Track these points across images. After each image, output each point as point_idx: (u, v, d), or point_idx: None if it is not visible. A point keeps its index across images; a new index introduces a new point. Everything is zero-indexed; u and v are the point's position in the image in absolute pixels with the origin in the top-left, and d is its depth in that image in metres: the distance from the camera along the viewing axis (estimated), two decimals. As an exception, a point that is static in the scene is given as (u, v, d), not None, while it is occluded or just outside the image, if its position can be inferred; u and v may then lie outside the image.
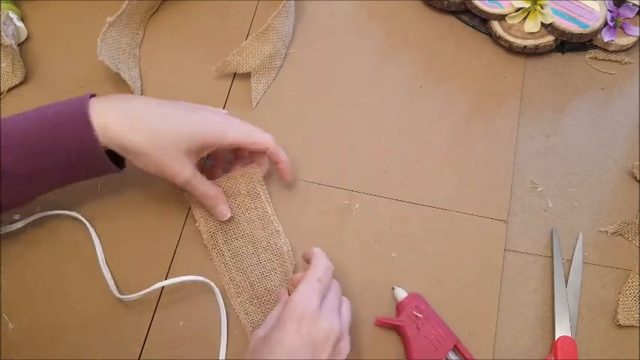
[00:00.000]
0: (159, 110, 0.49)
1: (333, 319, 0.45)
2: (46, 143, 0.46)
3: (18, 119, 0.47)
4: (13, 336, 0.51)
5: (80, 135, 0.46)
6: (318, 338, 0.44)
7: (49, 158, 0.47)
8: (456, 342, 0.51)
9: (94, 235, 0.54)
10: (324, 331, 0.44)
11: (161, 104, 0.50)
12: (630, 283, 0.55)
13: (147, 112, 0.49)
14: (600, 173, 0.60)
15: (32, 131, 0.47)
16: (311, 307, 0.45)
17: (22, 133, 0.46)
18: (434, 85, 0.64)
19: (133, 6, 0.62)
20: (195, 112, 0.51)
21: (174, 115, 0.49)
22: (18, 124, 0.47)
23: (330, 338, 0.44)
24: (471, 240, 0.56)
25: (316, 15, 0.67)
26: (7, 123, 0.47)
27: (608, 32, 0.64)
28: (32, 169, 0.47)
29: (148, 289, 0.51)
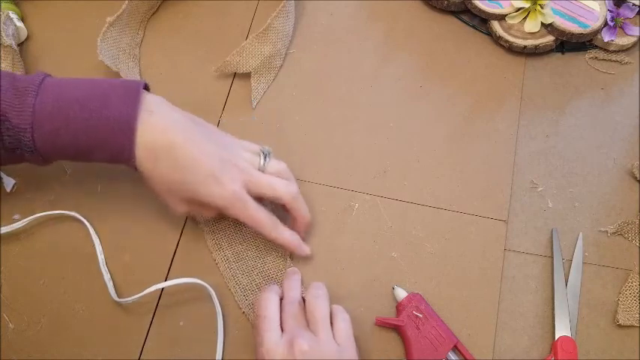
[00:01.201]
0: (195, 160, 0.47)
1: (297, 342, 0.44)
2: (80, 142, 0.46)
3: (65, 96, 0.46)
4: (13, 336, 0.52)
5: (119, 154, 0.47)
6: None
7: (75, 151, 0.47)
8: (456, 342, 0.51)
9: (94, 236, 0.54)
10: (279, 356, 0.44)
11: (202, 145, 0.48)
12: (630, 283, 0.55)
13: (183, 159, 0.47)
14: (600, 173, 0.60)
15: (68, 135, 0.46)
16: (268, 349, 0.45)
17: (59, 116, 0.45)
18: (434, 85, 0.64)
19: (133, 6, 0.62)
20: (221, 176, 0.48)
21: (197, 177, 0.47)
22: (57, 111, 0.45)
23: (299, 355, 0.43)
24: (471, 240, 0.56)
25: (316, 15, 0.67)
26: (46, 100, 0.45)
27: (608, 32, 0.64)
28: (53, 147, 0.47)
29: (143, 292, 0.51)
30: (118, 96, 0.46)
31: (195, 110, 0.60)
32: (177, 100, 0.62)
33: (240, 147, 0.51)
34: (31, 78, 0.47)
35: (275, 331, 0.46)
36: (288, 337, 0.45)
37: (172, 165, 0.47)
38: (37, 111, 0.45)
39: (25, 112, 0.45)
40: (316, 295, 0.49)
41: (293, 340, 0.44)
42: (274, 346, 0.45)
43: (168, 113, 0.48)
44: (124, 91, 0.47)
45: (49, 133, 0.46)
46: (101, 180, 0.57)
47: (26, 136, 0.45)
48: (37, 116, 0.45)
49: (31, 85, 0.46)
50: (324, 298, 0.49)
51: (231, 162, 0.48)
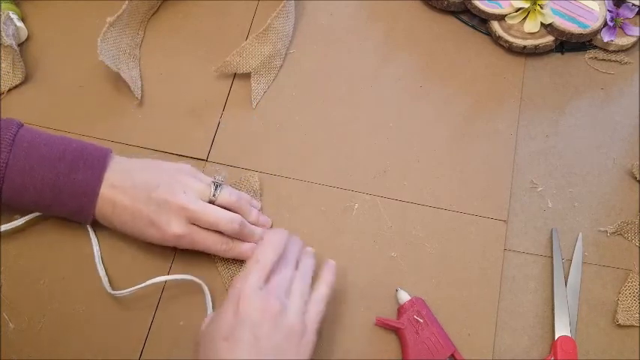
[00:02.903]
0: (136, 216, 0.50)
1: (273, 299, 0.45)
2: (40, 205, 0.51)
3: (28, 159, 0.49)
4: (13, 336, 0.52)
5: (79, 211, 0.51)
6: (255, 317, 0.44)
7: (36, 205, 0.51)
8: (454, 351, 0.51)
9: (92, 234, 0.54)
10: (257, 311, 0.44)
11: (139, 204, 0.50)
12: (630, 283, 0.55)
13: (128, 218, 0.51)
14: (600, 173, 0.60)
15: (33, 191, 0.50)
16: (247, 287, 0.45)
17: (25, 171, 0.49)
18: (434, 85, 0.64)
19: (133, 6, 0.62)
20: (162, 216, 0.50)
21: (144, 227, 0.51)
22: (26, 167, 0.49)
23: (268, 315, 0.44)
24: (470, 240, 0.56)
25: (316, 15, 0.67)
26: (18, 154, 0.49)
27: (608, 32, 0.64)
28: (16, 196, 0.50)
29: (139, 285, 0.51)
30: (87, 162, 0.50)
31: (195, 110, 0.61)
32: (178, 101, 0.62)
33: (192, 179, 0.52)
34: (4, 129, 0.50)
35: (259, 279, 0.46)
36: (268, 290, 0.46)
37: (118, 220, 0.51)
38: (10, 165, 0.49)
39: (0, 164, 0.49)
40: (309, 264, 0.50)
41: (270, 296, 0.45)
42: (251, 291, 0.45)
43: (125, 175, 0.51)
44: (92, 159, 0.51)
45: (18, 186, 0.49)
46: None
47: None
48: (8, 170, 0.49)
49: (5, 139, 0.49)
50: (312, 267, 0.50)
51: (168, 203, 0.50)
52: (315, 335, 0.46)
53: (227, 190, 0.53)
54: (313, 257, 0.52)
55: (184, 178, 0.52)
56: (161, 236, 0.50)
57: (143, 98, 0.62)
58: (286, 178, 0.59)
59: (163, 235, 0.50)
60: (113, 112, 0.61)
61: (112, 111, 0.61)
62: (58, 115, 0.60)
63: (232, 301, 0.45)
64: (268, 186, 0.58)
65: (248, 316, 0.44)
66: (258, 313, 0.44)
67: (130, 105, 0.61)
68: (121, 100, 0.61)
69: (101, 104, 0.61)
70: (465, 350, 0.52)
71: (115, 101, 0.61)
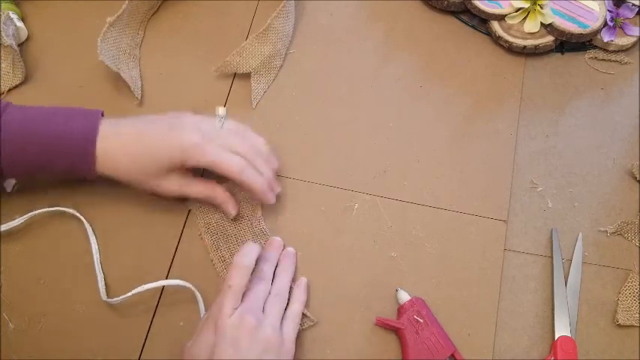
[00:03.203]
0: (144, 138, 0.51)
1: (248, 316, 0.46)
2: (42, 160, 0.50)
3: (25, 120, 0.49)
4: (13, 336, 0.52)
5: (81, 167, 0.50)
6: (233, 333, 0.45)
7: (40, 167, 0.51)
8: (454, 351, 0.51)
9: (91, 234, 0.54)
10: (234, 328, 0.46)
11: (145, 129, 0.51)
12: (630, 283, 0.55)
13: (133, 144, 0.51)
14: (600, 173, 0.60)
15: (33, 145, 0.49)
16: (223, 309, 0.46)
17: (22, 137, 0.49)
18: (434, 85, 0.64)
19: (133, 6, 0.62)
20: (174, 131, 0.51)
21: (154, 141, 0.51)
22: (23, 125, 0.49)
23: (245, 330, 0.46)
24: (470, 240, 0.56)
25: (316, 15, 0.67)
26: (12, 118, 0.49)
27: (608, 32, 0.64)
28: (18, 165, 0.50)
29: (132, 291, 0.51)
30: (81, 113, 0.51)
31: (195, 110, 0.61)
32: (178, 100, 0.62)
33: (199, 118, 0.54)
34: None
35: (234, 302, 0.47)
36: (243, 309, 0.47)
37: (125, 150, 0.50)
38: (5, 124, 0.49)
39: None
40: (277, 293, 0.51)
41: (245, 313, 0.47)
42: (227, 311, 0.46)
43: (127, 120, 0.52)
44: (86, 111, 0.51)
45: (17, 144, 0.49)
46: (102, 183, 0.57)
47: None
48: (3, 132, 0.48)
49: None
50: (283, 298, 0.51)
51: (179, 122, 0.52)
52: (294, 346, 0.48)
53: (231, 122, 0.55)
54: (293, 258, 0.54)
55: (184, 113, 0.54)
56: (168, 151, 0.50)
57: (143, 98, 0.62)
58: (286, 178, 0.59)
59: (171, 147, 0.50)
60: (113, 112, 0.60)
61: (112, 111, 0.60)
62: (58, 115, 0.60)
63: (210, 323, 0.47)
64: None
65: (226, 333, 0.45)
66: (235, 330, 0.46)
67: (130, 105, 0.61)
68: (121, 100, 0.61)
69: (101, 104, 0.61)
70: (465, 350, 0.52)
71: (115, 101, 0.61)
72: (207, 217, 0.56)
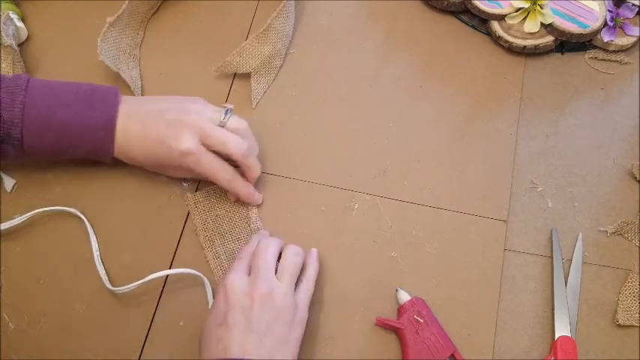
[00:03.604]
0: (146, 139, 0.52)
1: (259, 283, 0.47)
2: (62, 145, 0.51)
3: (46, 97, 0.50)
4: (13, 336, 0.52)
5: (99, 147, 0.52)
6: (244, 301, 0.46)
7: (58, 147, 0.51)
8: (454, 351, 0.51)
9: (91, 231, 0.54)
10: (245, 296, 0.46)
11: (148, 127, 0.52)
12: (630, 283, 0.55)
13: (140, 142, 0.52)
14: (600, 173, 0.60)
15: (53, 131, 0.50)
16: (233, 276, 0.47)
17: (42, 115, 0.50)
18: (434, 85, 0.64)
19: (133, 6, 0.62)
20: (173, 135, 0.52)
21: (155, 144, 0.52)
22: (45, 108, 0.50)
23: (256, 298, 0.46)
24: (470, 240, 0.56)
25: (316, 15, 0.67)
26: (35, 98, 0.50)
27: (608, 32, 0.64)
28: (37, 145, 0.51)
29: (141, 280, 0.51)
30: (100, 99, 0.52)
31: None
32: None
33: (203, 106, 0.54)
34: (16, 77, 0.51)
35: (244, 268, 0.49)
36: (253, 276, 0.48)
37: (132, 148, 0.52)
38: (27, 108, 0.49)
39: (16, 109, 0.49)
40: (293, 253, 0.51)
41: (257, 281, 0.47)
42: (239, 280, 0.47)
43: (139, 107, 0.53)
44: (105, 96, 0.52)
45: (37, 130, 0.50)
46: (102, 182, 0.57)
47: (16, 130, 0.49)
48: (26, 113, 0.49)
49: (20, 84, 0.50)
50: (300, 257, 0.51)
51: (178, 121, 0.51)
52: (307, 312, 0.49)
53: (234, 119, 0.54)
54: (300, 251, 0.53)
55: (195, 104, 0.54)
56: (169, 153, 0.51)
57: (143, 98, 0.62)
58: (286, 178, 0.59)
59: (171, 152, 0.51)
60: (113, 112, 0.61)
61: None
62: (58, 115, 0.60)
63: (222, 293, 0.47)
64: (268, 186, 0.58)
65: (237, 302, 0.46)
66: (246, 298, 0.46)
67: (130, 105, 0.61)
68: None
69: (101, 104, 0.61)
70: (465, 350, 0.52)
71: (115, 101, 0.61)
72: (203, 214, 0.56)
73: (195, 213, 0.56)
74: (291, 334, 0.46)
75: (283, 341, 0.46)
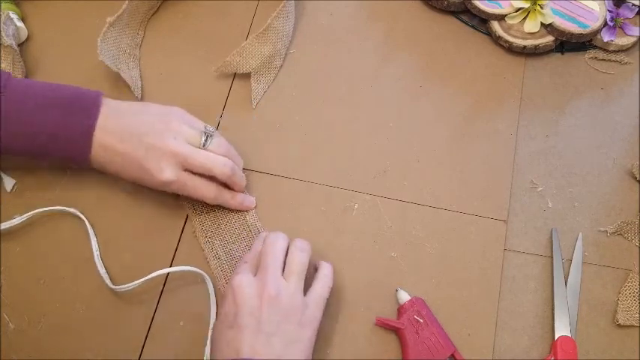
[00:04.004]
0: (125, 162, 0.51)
1: (267, 284, 0.46)
2: (39, 145, 0.50)
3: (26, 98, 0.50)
4: (13, 336, 0.52)
5: (75, 155, 0.51)
6: (253, 303, 0.46)
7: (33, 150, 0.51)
8: (454, 351, 0.51)
9: (90, 231, 0.54)
10: (254, 297, 0.46)
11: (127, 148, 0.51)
12: (630, 283, 0.55)
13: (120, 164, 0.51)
14: (600, 173, 0.60)
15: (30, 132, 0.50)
16: (240, 277, 0.47)
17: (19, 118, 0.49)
18: (434, 85, 0.64)
19: (133, 6, 0.62)
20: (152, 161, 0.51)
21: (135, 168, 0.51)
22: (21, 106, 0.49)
23: (265, 299, 0.46)
24: (470, 240, 0.56)
25: (316, 15, 0.67)
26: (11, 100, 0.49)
27: (608, 32, 0.64)
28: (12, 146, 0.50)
29: (142, 278, 0.51)
30: (80, 106, 0.51)
31: (195, 110, 0.61)
32: (178, 100, 0.62)
33: (183, 125, 0.52)
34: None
35: (250, 270, 0.49)
36: (261, 278, 0.47)
37: (110, 164, 0.52)
38: (4, 110, 0.49)
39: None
40: (300, 248, 0.50)
41: (265, 282, 0.47)
42: (246, 280, 0.47)
43: (118, 120, 0.52)
44: (85, 102, 0.51)
45: (14, 132, 0.49)
46: (102, 182, 0.57)
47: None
48: (3, 116, 0.49)
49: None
50: (307, 252, 0.50)
51: (157, 149, 0.50)
52: (321, 310, 0.48)
53: (217, 141, 0.53)
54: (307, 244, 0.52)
55: (175, 124, 0.52)
56: (151, 182, 0.51)
57: (143, 98, 0.62)
58: (286, 178, 0.59)
59: (152, 181, 0.51)
60: (113, 112, 0.61)
61: (112, 111, 0.61)
62: (58, 115, 0.60)
63: (230, 294, 0.47)
64: (268, 186, 0.58)
65: (246, 303, 0.46)
66: (255, 299, 0.46)
67: (130, 105, 0.61)
68: (120, 100, 0.61)
69: (101, 104, 0.61)
70: (465, 350, 0.52)
71: (115, 101, 0.61)
72: (201, 216, 0.56)
73: (193, 215, 0.56)
74: (301, 334, 0.46)
75: (294, 340, 0.45)
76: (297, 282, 0.48)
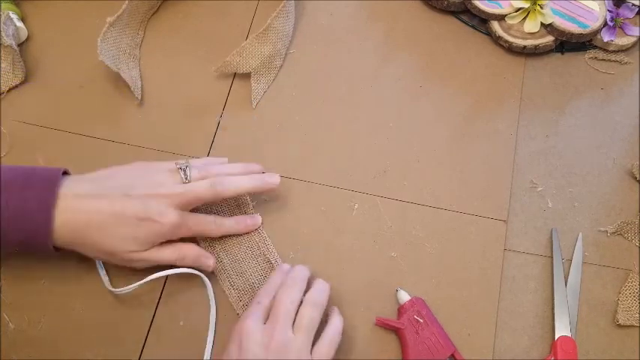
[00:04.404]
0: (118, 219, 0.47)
1: (276, 333, 0.45)
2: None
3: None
4: (13, 336, 0.52)
5: (37, 230, 0.46)
6: (258, 352, 0.44)
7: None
8: (454, 351, 0.51)
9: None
10: (260, 346, 0.44)
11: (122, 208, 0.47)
12: (630, 283, 0.55)
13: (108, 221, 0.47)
14: (600, 173, 0.60)
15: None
16: (249, 323, 0.46)
17: None
18: (434, 85, 0.64)
19: (134, 6, 0.62)
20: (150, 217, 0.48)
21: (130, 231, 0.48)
22: None
23: (272, 349, 0.44)
24: (470, 240, 0.56)
25: (316, 15, 0.67)
26: None
27: (608, 32, 0.64)
28: None
29: (140, 281, 0.51)
30: (38, 179, 0.47)
31: (195, 110, 0.61)
32: (178, 100, 0.62)
33: (159, 173, 0.50)
34: None
35: (261, 316, 0.47)
36: (271, 325, 0.46)
37: (95, 232, 0.47)
38: None
39: None
40: (314, 303, 0.48)
41: (273, 334, 0.45)
42: (255, 326, 0.46)
43: (92, 185, 0.48)
44: (44, 174, 0.47)
45: None
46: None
47: None
48: None
49: None
50: (320, 307, 0.48)
51: (154, 196, 0.48)
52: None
53: (194, 170, 0.51)
54: (325, 286, 0.50)
55: (150, 173, 0.50)
56: (155, 231, 0.48)
57: (143, 98, 0.62)
58: (286, 178, 0.59)
59: (158, 230, 0.48)
60: (113, 112, 0.61)
61: (112, 111, 0.61)
62: (58, 115, 0.60)
63: (236, 339, 0.45)
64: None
65: (251, 351, 0.44)
66: (261, 349, 0.44)
67: (130, 105, 0.61)
68: (121, 100, 0.61)
69: (101, 104, 0.61)
70: (465, 350, 0.52)
71: (115, 101, 0.61)
72: (212, 244, 0.55)
73: (202, 241, 0.55)
74: None
75: None
76: (306, 338, 0.46)
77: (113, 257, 0.49)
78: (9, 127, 0.60)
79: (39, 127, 0.60)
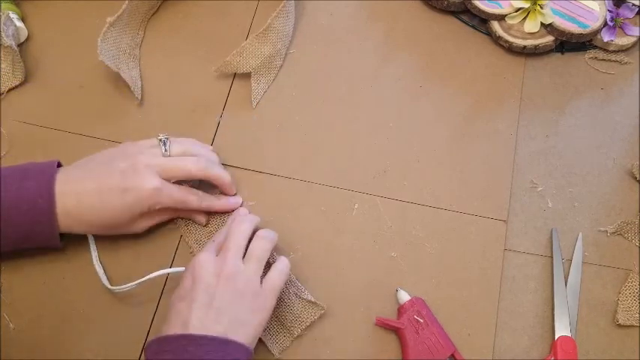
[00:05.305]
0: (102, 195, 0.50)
1: (227, 263, 0.47)
2: None
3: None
4: (13, 336, 0.52)
5: (41, 216, 0.48)
6: (209, 280, 0.46)
7: None
8: (454, 351, 0.51)
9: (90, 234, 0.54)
10: (211, 275, 0.47)
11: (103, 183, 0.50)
12: (630, 283, 0.55)
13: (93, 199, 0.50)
14: (600, 173, 0.60)
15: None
16: (202, 255, 0.48)
17: None
18: (434, 85, 0.64)
19: (134, 6, 0.62)
20: (131, 181, 0.50)
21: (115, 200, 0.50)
22: None
23: (222, 277, 0.47)
24: (470, 240, 0.56)
25: (316, 15, 0.67)
26: None
27: (608, 32, 0.64)
28: None
29: (140, 279, 0.51)
30: (34, 170, 0.50)
31: (195, 110, 0.61)
32: (178, 100, 0.62)
33: (139, 147, 0.53)
34: None
35: (214, 250, 0.49)
36: (223, 255, 0.48)
37: (86, 211, 0.50)
38: None
39: None
40: (264, 236, 0.51)
41: (224, 262, 0.48)
42: (207, 257, 0.48)
43: (79, 169, 0.51)
44: (39, 166, 0.50)
45: None
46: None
47: None
48: None
49: None
50: (270, 241, 0.51)
51: (132, 166, 0.50)
52: (274, 299, 0.48)
53: (175, 144, 0.54)
54: (271, 233, 0.52)
55: (131, 147, 0.53)
56: (136, 198, 0.50)
57: (143, 98, 0.62)
58: (286, 178, 0.59)
59: (140, 195, 0.50)
60: (113, 112, 0.61)
61: (112, 111, 0.61)
62: (58, 115, 0.60)
63: (190, 270, 0.48)
64: (268, 186, 0.58)
65: (203, 279, 0.47)
66: (212, 277, 0.47)
67: (130, 105, 0.61)
68: (121, 100, 0.61)
69: (101, 104, 0.61)
70: (465, 350, 0.52)
71: (115, 101, 0.61)
72: (196, 233, 0.55)
73: (187, 234, 0.55)
74: (251, 318, 0.46)
75: (242, 322, 0.46)
76: (256, 267, 0.49)
77: (114, 230, 0.52)
78: (9, 127, 0.60)
79: (39, 127, 0.60)
